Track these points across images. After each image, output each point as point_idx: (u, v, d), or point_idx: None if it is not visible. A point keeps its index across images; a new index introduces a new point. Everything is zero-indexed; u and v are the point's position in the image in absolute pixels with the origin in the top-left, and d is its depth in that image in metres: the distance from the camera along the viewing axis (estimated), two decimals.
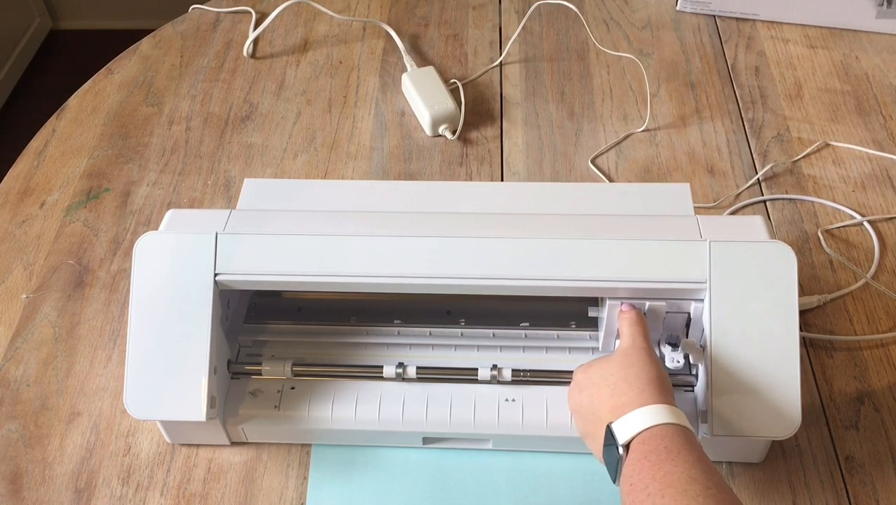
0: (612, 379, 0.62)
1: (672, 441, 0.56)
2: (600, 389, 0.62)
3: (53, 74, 2.40)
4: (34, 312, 0.85)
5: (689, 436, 0.57)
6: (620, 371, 0.62)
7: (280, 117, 1.05)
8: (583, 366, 0.66)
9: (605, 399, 0.61)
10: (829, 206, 0.93)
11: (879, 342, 0.80)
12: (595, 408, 0.62)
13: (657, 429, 0.57)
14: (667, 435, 0.57)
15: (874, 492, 0.70)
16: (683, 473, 0.54)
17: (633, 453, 0.57)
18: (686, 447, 0.56)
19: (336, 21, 1.18)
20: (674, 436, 0.57)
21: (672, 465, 0.54)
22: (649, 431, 0.57)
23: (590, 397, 0.63)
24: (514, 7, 1.21)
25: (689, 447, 0.56)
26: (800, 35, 1.14)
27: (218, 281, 0.68)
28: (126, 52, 1.16)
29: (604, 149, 1.00)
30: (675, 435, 0.57)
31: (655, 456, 0.55)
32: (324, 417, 0.71)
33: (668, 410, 0.58)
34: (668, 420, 0.57)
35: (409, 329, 0.77)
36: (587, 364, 0.66)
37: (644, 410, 0.58)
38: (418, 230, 0.70)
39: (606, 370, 0.63)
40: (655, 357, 0.64)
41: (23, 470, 0.74)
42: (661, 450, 0.56)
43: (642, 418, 0.58)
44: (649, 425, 0.57)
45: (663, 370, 0.63)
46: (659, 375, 0.62)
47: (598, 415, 0.62)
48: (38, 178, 0.99)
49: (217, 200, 0.96)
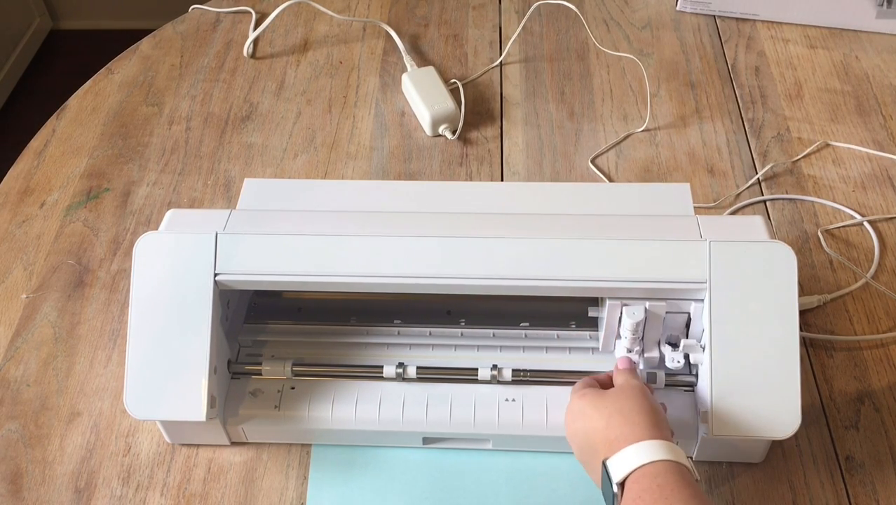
0: (607, 411, 0.62)
1: (665, 479, 0.56)
2: (595, 421, 0.62)
3: (53, 74, 2.40)
4: (34, 312, 0.85)
5: (684, 472, 0.57)
6: (615, 403, 0.62)
7: (280, 117, 1.05)
8: (578, 391, 0.66)
9: (599, 431, 0.61)
10: (829, 206, 0.93)
11: (879, 342, 0.80)
12: (590, 439, 0.62)
13: (650, 467, 0.57)
14: (660, 473, 0.56)
15: (874, 492, 0.70)
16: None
17: (627, 492, 0.56)
18: (680, 484, 0.55)
19: (336, 21, 1.18)
20: (667, 473, 0.56)
21: (665, 503, 0.54)
22: (642, 470, 0.57)
23: (584, 428, 0.63)
24: (514, 7, 1.21)
25: (682, 484, 0.55)
26: (800, 35, 1.14)
27: (218, 281, 0.68)
28: (126, 52, 1.16)
29: (604, 149, 1.00)
30: (669, 472, 0.56)
31: (649, 495, 0.55)
32: (324, 417, 0.71)
33: (663, 445, 0.58)
34: (662, 457, 0.57)
35: (409, 329, 0.77)
36: (582, 390, 0.65)
37: (637, 447, 0.58)
38: (418, 230, 0.70)
39: (601, 401, 0.63)
40: (650, 394, 0.64)
41: (23, 470, 0.74)
42: (654, 488, 0.55)
43: (636, 455, 0.57)
44: (643, 463, 0.57)
45: (658, 405, 0.63)
46: (653, 410, 0.61)
47: (593, 447, 0.61)
48: (38, 178, 0.99)
49: (217, 200, 0.96)
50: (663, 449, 0.58)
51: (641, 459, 0.57)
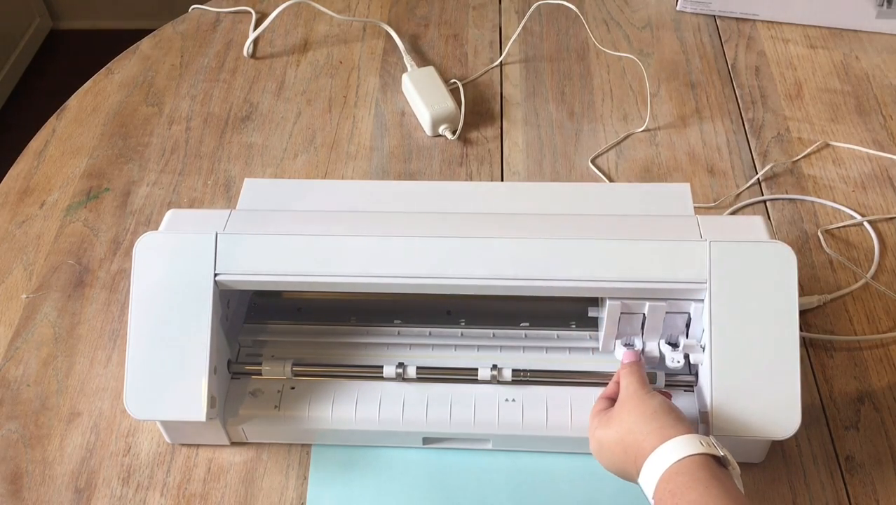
0: (619, 436, 0.62)
1: (676, 483, 0.56)
2: (614, 453, 0.63)
3: (53, 74, 2.40)
4: (34, 312, 0.85)
5: (696, 466, 0.57)
6: (621, 425, 0.62)
7: (280, 117, 1.05)
8: (591, 423, 0.66)
9: (622, 460, 0.62)
10: (829, 206, 0.93)
11: (879, 342, 0.80)
12: (622, 470, 0.63)
13: (665, 475, 0.57)
14: (671, 478, 0.57)
15: (874, 492, 0.70)
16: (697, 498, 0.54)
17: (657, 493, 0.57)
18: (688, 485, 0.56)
19: (336, 21, 1.18)
20: (678, 476, 0.57)
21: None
22: (661, 480, 0.57)
23: (610, 462, 0.63)
24: (514, 7, 1.21)
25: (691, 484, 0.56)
26: (800, 35, 1.14)
27: (218, 281, 0.68)
28: (126, 52, 1.16)
29: (604, 149, 1.00)
30: (679, 474, 0.57)
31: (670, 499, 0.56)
32: (324, 417, 0.71)
33: (664, 449, 0.58)
34: (668, 463, 0.57)
35: (409, 329, 0.77)
36: (594, 421, 0.65)
37: (648, 462, 0.58)
38: (418, 230, 0.70)
39: (609, 430, 0.63)
40: (650, 392, 0.63)
41: (23, 470, 0.74)
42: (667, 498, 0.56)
43: (649, 472, 0.58)
44: (658, 476, 0.57)
45: (659, 401, 0.62)
46: (654, 410, 0.61)
47: (630, 475, 0.62)
48: (38, 178, 0.99)
49: (217, 200, 0.96)
50: (665, 455, 0.58)
51: (657, 473, 0.57)
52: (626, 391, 0.64)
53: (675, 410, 0.62)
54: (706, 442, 0.58)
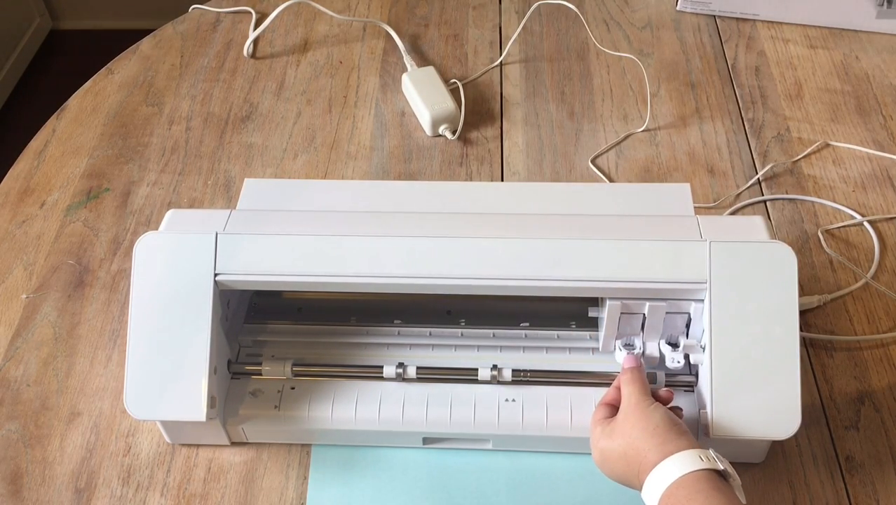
0: (621, 450, 0.62)
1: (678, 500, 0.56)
2: (616, 465, 0.63)
3: (53, 74, 2.40)
4: (34, 312, 0.85)
5: (693, 484, 0.57)
6: (622, 438, 0.62)
7: (280, 117, 1.05)
8: (593, 433, 0.66)
9: (624, 472, 0.62)
10: (829, 206, 0.93)
11: (879, 342, 0.80)
12: (623, 479, 0.63)
13: (667, 492, 0.57)
14: (672, 494, 0.57)
15: (874, 492, 0.70)
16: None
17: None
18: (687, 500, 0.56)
19: (336, 21, 1.18)
20: (678, 489, 0.57)
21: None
22: (665, 493, 0.57)
23: (612, 470, 0.64)
24: (514, 7, 1.21)
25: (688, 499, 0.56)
26: (800, 35, 1.14)
27: (218, 281, 0.68)
28: (126, 52, 1.16)
29: (604, 149, 1.00)
30: (681, 487, 0.57)
31: None
32: (324, 418, 0.71)
33: (665, 466, 0.58)
34: (670, 480, 0.57)
35: (409, 329, 0.77)
36: (595, 430, 0.65)
37: (649, 478, 0.58)
38: (418, 230, 0.70)
39: (612, 442, 0.63)
40: (652, 403, 0.63)
41: (23, 470, 0.74)
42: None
43: (653, 486, 0.58)
44: (661, 493, 0.57)
45: (661, 414, 0.62)
46: (656, 425, 0.61)
47: (631, 484, 0.62)
48: (38, 178, 0.99)
49: (217, 200, 0.96)
50: (666, 471, 0.58)
51: (658, 490, 0.57)
52: (629, 401, 0.64)
53: (676, 424, 0.62)
54: (706, 456, 0.58)
